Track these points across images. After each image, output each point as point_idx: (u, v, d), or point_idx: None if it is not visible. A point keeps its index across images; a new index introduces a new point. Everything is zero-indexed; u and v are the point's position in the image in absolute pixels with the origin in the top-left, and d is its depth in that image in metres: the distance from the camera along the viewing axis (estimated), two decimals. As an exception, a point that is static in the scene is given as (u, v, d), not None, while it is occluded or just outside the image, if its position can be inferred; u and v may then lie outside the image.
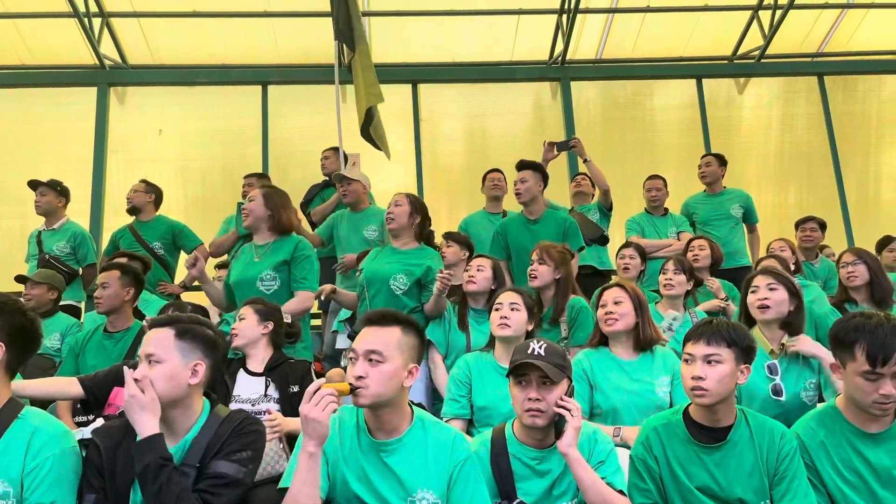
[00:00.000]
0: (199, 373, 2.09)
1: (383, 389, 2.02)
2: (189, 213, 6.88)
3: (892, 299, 3.82)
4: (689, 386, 2.21)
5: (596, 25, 7.59)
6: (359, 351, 2.06)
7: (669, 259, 4.04)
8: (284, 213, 3.75)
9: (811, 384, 2.97)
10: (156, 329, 2.12)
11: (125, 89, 7.32)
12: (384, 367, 2.03)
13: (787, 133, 7.91)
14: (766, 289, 3.03)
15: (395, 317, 2.16)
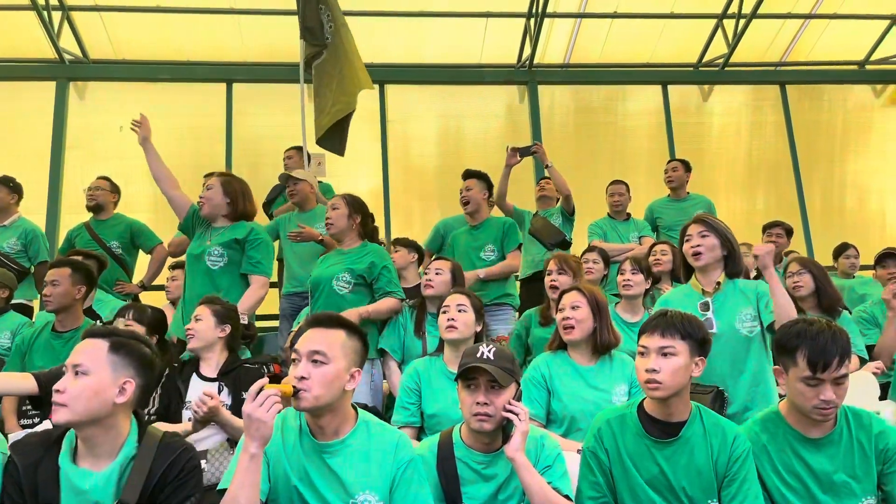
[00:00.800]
0: (128, 391, 1.96)
1: (325, 392, 2.00)
2: (151, 212, 6.77)
3: (839, 308, 3.88)
4: (644, 379, 2.21)
5: (564, 30, 7.63)
6: (302, 352, 2.04)
7: (626, 259, 4.07)
8: (243, 201, 3.71)
9: (746, 314, 3.01)
10: (89, 339, 2.01)
11: (85, 84, 7.18)
12: (327, 369, 2.01)
13: (755, 140, 8.04)
14: (699, 236, 3.11)
15: (340, 320, 2.15)
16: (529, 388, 2.95)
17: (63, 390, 1.89)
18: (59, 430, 1.98)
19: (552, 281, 3.82)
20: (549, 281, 3.85)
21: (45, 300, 3.60)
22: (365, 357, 2.18)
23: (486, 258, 4.59)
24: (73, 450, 1.95)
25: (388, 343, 3.74)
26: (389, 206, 7.28)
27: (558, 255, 4.01)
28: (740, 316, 3.02)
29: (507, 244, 4.55)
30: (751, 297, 3.05)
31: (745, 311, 3.03)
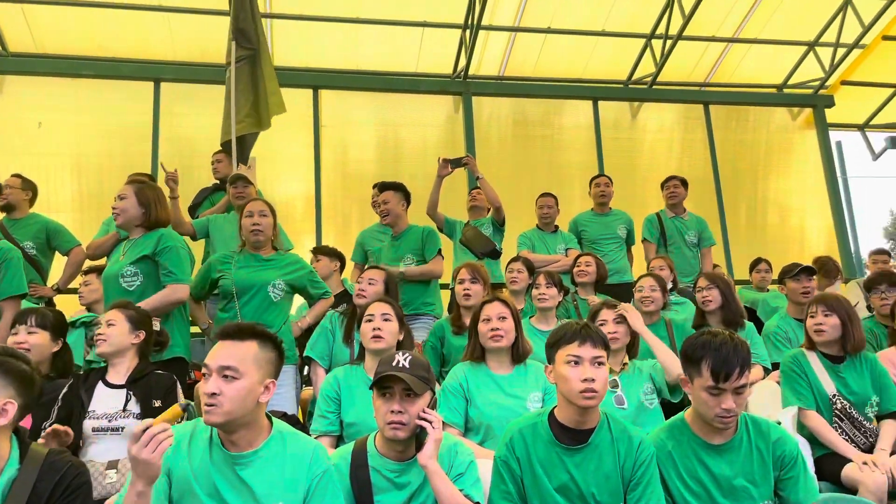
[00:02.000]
0: (9, 413, 1.87)
1: (237, 407, 1.96)
2: (75, 211, 6.54)
3: (742, 321, 4.07)
4: (579, 388, 2.22)
5: (499, 43, 7.75)
6: (212, 366, 1.99)
7: (540, 273, 4.19)
8: (157, 208, 3.58)
9: (648, 388, 3.20)
10: None
11: (3, 78, 6.86)
12: (239, 384, 1.97)
13: (681, 157, 8.33)
14: (613, 323, 3.28)
15: (252, 330, 2.09)
16: (448, 396, 2.98)
17: None
18: None
19: (465, 290, 3.90)
20: (461, 289, 3.91)
21: None
22: (280, 366, 2.15)
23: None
24: None
25: (316, 351, 3.72)
26: (321, 211, 7.21)
27: (469, 264, 4.08)
28: (644, 389, 3.22)
29: (427, 251, 4.58)
30: (646, 375, 3.27)
31: (647, 385, 3.23)
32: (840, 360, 3.32)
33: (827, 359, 3.33)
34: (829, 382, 3.26)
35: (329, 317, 3.89)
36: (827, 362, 3.32)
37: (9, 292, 3.37)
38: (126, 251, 3.54)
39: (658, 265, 4.92)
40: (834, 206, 8.34)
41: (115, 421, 2.82)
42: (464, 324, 3.78)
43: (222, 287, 3.74)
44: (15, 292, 3.40)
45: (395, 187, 4.71)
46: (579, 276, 4.91)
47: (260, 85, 5.37)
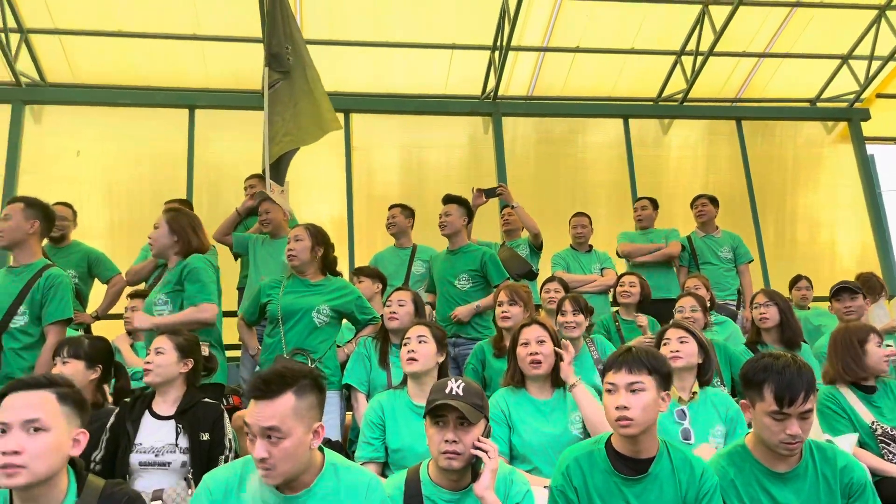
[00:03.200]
0: (81, 443, 1.86)
1: (292, 465, 1.91)
2: (107, 238, 6.61)
3: (800, 341, 3.96)
4: (614, 416, 2.19)
5: (527, 63, 7.75)
6: (254, 430, 1.90)
7: (566, 298, 4.04)
8: (192, 235, 3.58)
9: (719, 430, 3.02)
10: (33, 392, 1.84)
11: (42, 108, 7.00)
12: (286, 444, 1.89)
13: (711, 173, 8.23)
14: (678, 341, 3.15)
15: (284, 381, 1.94)
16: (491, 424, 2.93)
17: (21, 451, 1.73)
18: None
19: (503, 312, 3.82)
20: (500, 312, 3.85)
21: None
22: (323, 403, 2.07)
23: (459, 286, 4.56)
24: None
25: (354, 377, 3.69)
26: (353, 233, 7.22)
27: (508, 285, 4.00)
28: (714, 431, 3.01)
29: (492, 276, 4.52)
30: (722, 415, 3.06)
31: (718, 427, 3.03)
32: (872, 391, 3.32)
33: (860, 390, 3.31)
34: (865, 412, 3.24)
35: (363, 342, 3.87)
36: (861, 393, 3.30)
37: (55, 317, 3.41)
38: (163, 280, 3.59)
39: (693, 284, 4.81)
40: (874, 221, 8.15)
41: (161, 456, 2.78)
42: (504, 346, 3.73)
43: (269, 312, 3.75)
44: (60, 317, 3.44)
45: (458, 201, 4.70)
46: (623, 297, 4.82)
47: (303, 101, 5.38)
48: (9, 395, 1.84)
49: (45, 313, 3.39)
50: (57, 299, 3.41)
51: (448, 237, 4.70)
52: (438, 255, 4.87)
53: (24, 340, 3.35)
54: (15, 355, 3.30)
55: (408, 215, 5.31)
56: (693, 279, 4.95)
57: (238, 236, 5.10)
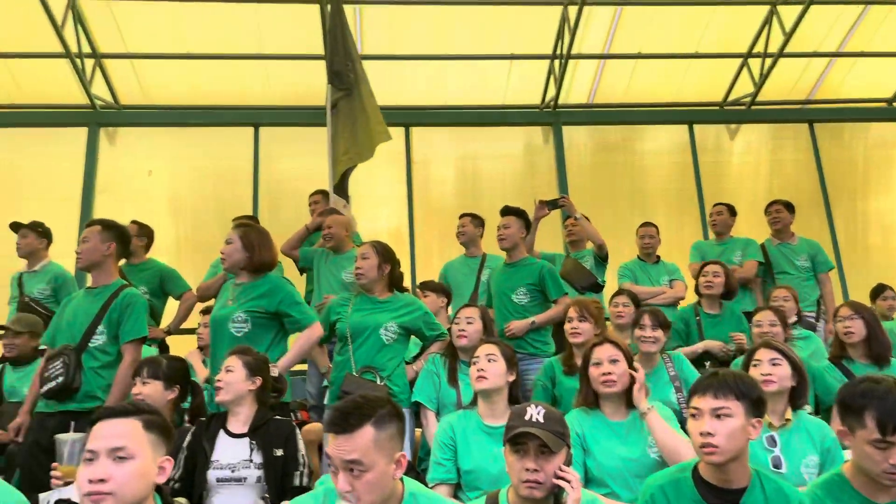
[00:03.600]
0: (167, 470, 1.88)
1: (376, 496, 1.88)
2: (179, 254, 6.80)
3: (889, 356, 3.74)
4: (698, 443, 2.10)
5: (588, 70, 7.65)
6: (336, 462, 1.87)
7: (644, 312, 3.89)
8: (263, 251, 3.63)
9: (812, 461, 2.84)
10: (120, 420, 1.87)
11: (116, 130, 7.28)
12: (369, 476, 1.86)
13: (775, 179, 7.94)
14: (769, 363, 2.96)
15: (362, 413, 1.90)
16: None
17: (108, 479, 1.76)
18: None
19: (573, 329, 3.73)
20: (569, 328, 3.76)
21: (77, 259, 3.61)
22: (404, 431, 2.04)
23: (517, 301, 4.48)
24: None
25: (423, 394, 3.67)
26: (414, 247, 7.23)
27: (578, 301, 3.90)
28: (807, 461, 2.84)
29: (551, 290, 4.43)
30: (817, 444, 2.87)
31: (811, 457, 2.84)
32: None
33: None
34: None
35: (431, 359, 3.84)
36: None
37: (131, 336, 3.50)
38: (236, 296, 3.59)
39: (782, 295, 4.60)
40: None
41: (238, 471, 2.81)
42: (575, 364, 3.65)
43: (338, 330, 3.76)
44: (136, 336, 3.52)
45: (517, 213, 4.62)
46: (706, 288, 4.62)
47: (360, 117, 5.45)
48: (97, 423, 1.87)
49: (122, 332, 3.48)
50: (133, 318, 3.50)
51: (506, 250, 4.62)
52: (496, 269, 4.80)
53: (102, 359, 3.44)
54: (94, 374, 3.40)
55: (478, 224, 5.28)
56: (781, 290, 4.69)
57: (304, 251, 5.16)
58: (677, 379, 3.71)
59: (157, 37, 6.87)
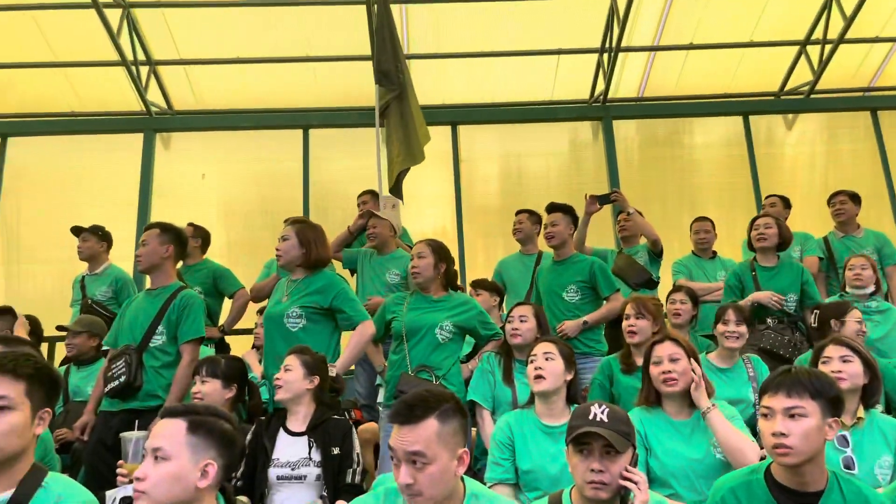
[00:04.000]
0: (210, 474, 1.85)
1: (437, 491, 1.85)
2: (230, 256, 6.91)
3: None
4: (770, 444, 2.01)
5: (637, 63, 7.51)
6: (399, 454, 1.86)
7: (729, 309, 3.76)
8: (318, 248, 3.65)
9: (886, 461, 2.72)
10: (166, 420, 1.90)
11: (170, 135, 7.44)
12: (432, 469, 1.83)
13: (832, 170, 7.65)
14: (840, 360, 2.85)
15: (427, 405, 1.89)
16: None
17: (144, 477, 1.79)
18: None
19: (630, 326, 3.63)
20: (626, 326, 3.66)
21: (136, 261, 3.72)
22: (466, 428, 2.01)
23: (568, 299, 4.39)
24: None
25: (478, 393, 3.62)
26: (463, 246, 7.20)
27: (636, 298, 3.80)
28: (881, 461, 2.72)
29: (602, 287, 4.35)
30: (891, 444, 2.75)
31: (885, 457, 2.73)
32: None
33: None
34: None
35: (486, 357, 3.79)
36: None
37: (189, 336, 3.55)
38: (290, 293, 3.61)
39: (859, 264, 4.38)
40: None
41: (297, 469, 2.85)
42: (633, 362, 3.57)
43: (394, 329, 3.75)
44: (194, 336, 3.58)
45: (564, 209, 4.54)
46: (759, 241, 4.51)
47: (410, 120, 5.47)
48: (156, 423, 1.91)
49: (180, 332, 3.55)
50: (191, 319, 3.56)
51: (555, 248, 4.54)
52: (543, 267, 4.71)
53: (162, 359, 3.51)
54: (155, 373, 3.47)
55: (534, 221, 5.18)
56: (859, 258, 4.49)
57: (347, 252, 5.17)
58: (755, 380, 3.59)
59: (208, 43, 7.00)
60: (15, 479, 1.89)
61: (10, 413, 1.87)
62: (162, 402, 3.39)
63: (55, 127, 7.32)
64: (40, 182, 7.22)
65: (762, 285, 4.41)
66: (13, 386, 1.90)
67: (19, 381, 1.91)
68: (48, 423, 1.97)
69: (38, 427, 1.94)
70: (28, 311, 5.00)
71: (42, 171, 7.27)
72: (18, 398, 1.89)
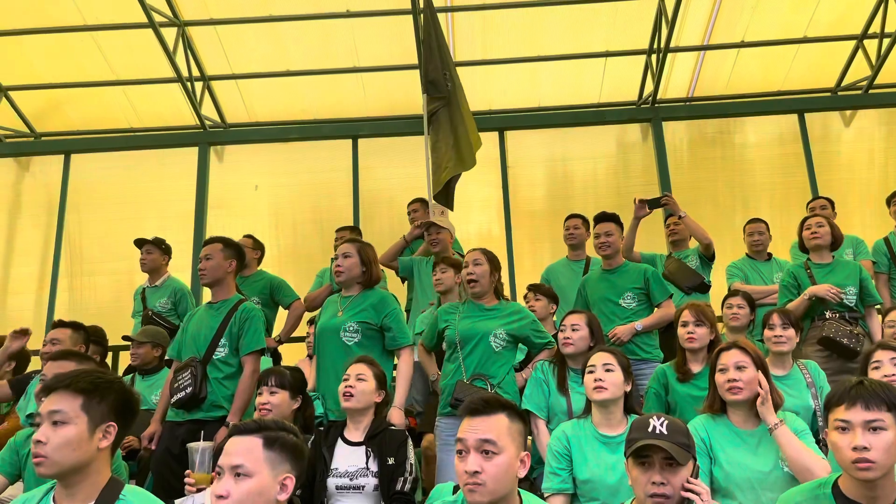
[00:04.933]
0: (289, 487, 1.90)
1: (500, 486, 1.89)
2: (281, 266, 7.04)
3: None
4: (850, 458, 1.96)
5: (686, 63, 7.39)
6: (469, 442, 1.92)
7: (774, 313, 3.72)
8: (374, 267, 3.80)
9: None
10: (241, 437, 1.93)
11: (223, 148, 7.64)
12: (499, 460, 1.89)
13: (892, 167, 7.39)
14: (892, 364, 2.84)
15: (499, 402, 2.01)
16: None
17: (226, 495, 1.83)
18: None
19: (689, 334, 3.57)
20: (684, 333, 3.60)
21: (200, 275, 3.84)
22: (526, 437, 2.06)
23: (625, 305, 4.37)
24: None
25: (533, 402, 3.62)
26: (512, 252, 7.19)
27: (693, 304, 3.74)
28: None
29: (656, 293, 4.32)
30: None
31: None
32: None
33: None
34: None
35: (540, 366, 3.78)
36: None
37: (251, 348, 3.66)
38: (345, 308, 3.71)
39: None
40: None
41: (356, 479, 2.90)
42: (689, 370, 3.53)
43: (447, 337, 3.79)
44: (255, 348, 3.68)
45: (615, 219, 4.54)
46: (813, 239, 4.46)
47: (460, 126, 5.50)
48: (228, 440, 1.96)
49: (242, 345, 3.65)
50: (252, 331, 3.67)
51: (607, 257, 4.51)
52: (591, 277, 4.65)
53: (225, 370, 3.62)
54: (219, 384, 3.57)
55: (588, 227, 5.19)
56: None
57: (403, 261, 5.24)
58: (813, 385, 3.52)
59: (259, 57, 7.16)
60: (93, 492, 1.97)
61: (64, 427, 1.94)
62: (226, 412, 3.49)
63: (115, 143, 7.59)
64: (101, 196, 7.49)
65: (818, 282, 4.34)
66: (69, 401, 1.97)
67: (77, 396, 1.98)
68: (114, 436, 2.03)
69: (102, 441, 1.99)
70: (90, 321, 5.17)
71: (102, 185, 7.53)
72: (73, 412, 1.96)
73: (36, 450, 1.93)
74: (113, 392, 2.04)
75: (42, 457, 1.91)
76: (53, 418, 1.96)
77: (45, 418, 1.96)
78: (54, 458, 1.92)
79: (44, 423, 1.96)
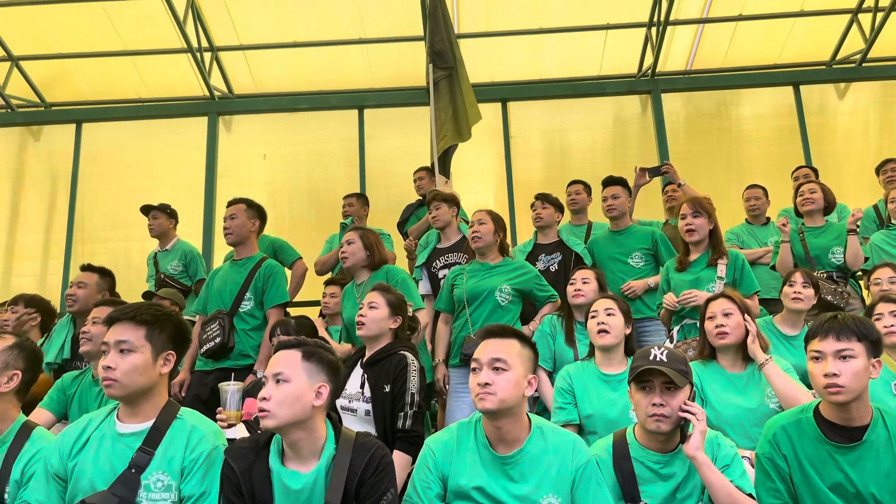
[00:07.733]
0: (323, 395, 2.12)
1: (508, 395, 2.16)
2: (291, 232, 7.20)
3: None
4: (822, 384, 2.18)
5: (685, 36, 7.53)
6: (483, 360, 2.23)
7: (797, 271, 3.83)
8: (378, 250, 3.96)
9: None
10: (284, 350, 2.17)
11: (232, 118, 7.77)
12: (508, 375, 2.19)
13: (886, 139, 7.58)
14: (891, 315, 3.07)
15: (513, 330, 2.34)
16: None
17: (268, 398, 2.06)
18: (265, 435, 2.17)
19: (688, 225, 3.85)
20: (684, 225, 3.86)
21: (226, 234, 4.03)
22: (536, 365, 2.34)
23: (634, 265, 4.52)
24: (280, 453, 2.13)
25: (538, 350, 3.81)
26: (515, 221, 7.38)
27: (692, 198, 3.98)
28: None
29: (665, 255, 4.47)
30: None
31: None
32: None
33: None
34: None
35: (547, 320, 3.96)
36: None
37: (274, 301, 3.89)
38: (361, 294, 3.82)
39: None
40: None
41: (352, 402, 3.05)
42: (687, 260, 3.88)
43: (456, 297, 4.00)
44: (279, 301, 3.91)
45: (622, 182, 4.70)
46: (805, 205, 4.70)
47: (458, 98, 5.66)
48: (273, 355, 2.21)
49: (266, 298, 3.87)
50: (275, 286, 3.88)
51: (614, 219, 4.67)
52: (599, 238, 4.81)
53: (251, 322, 3.84)
54: (245, 335, 3.80)
55: (589, 192, 5.30)
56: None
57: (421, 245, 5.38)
58: None
59: (267, 28, 7.27)
60: (153, 412, 2.20)
61: (131, 355, 2.16)
62: (252, 361, 3.70)
63: (124, 113, 7.72)
64: (112, 165, 7.63)
65: (809, 243, 4.55)
66: (134, 331, 2.18)
67: (140, 326, 2.19)
68: (174, 363, 2.26)
69: (163, 367, 2.22)
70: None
71: (113, 154, 7.67)
72: (138, 342, 2.17)
73: (106, 374, 2.14)
74: (171, 323, 2.25)
75: (112, 380, 2.13)
76: (121, 347, 2.17)
77: (112, 347, 2.17)
78: (123, 382, 2.14)
79: (111, 351, 2.17)
